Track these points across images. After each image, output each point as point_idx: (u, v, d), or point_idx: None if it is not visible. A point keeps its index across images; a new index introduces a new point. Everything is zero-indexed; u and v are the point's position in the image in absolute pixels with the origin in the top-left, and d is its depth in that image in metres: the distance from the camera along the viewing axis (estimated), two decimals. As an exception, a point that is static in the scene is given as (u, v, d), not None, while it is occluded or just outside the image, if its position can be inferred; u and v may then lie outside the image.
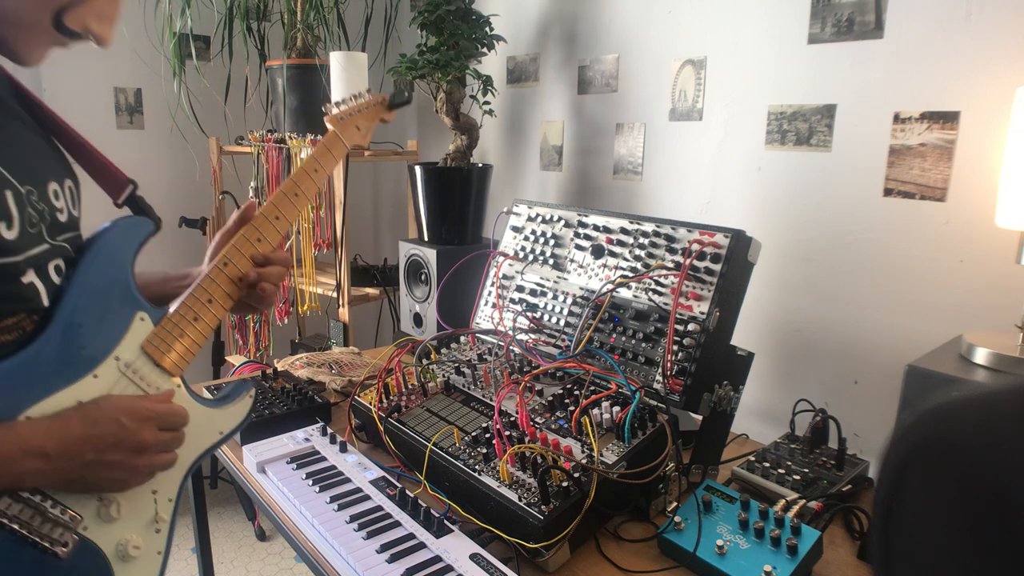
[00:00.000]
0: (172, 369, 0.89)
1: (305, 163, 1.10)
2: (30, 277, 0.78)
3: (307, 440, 1.33)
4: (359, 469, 1.23)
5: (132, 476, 0.81)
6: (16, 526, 0.73)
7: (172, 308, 0.91)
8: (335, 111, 1.18)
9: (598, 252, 1.51)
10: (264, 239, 1.01)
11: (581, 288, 1.51)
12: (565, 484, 1.04)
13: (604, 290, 1.44)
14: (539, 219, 1.65)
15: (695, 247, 1.32)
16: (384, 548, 1.01)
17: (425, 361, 1.51)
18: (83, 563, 0.79)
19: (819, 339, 1.72)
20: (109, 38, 0.86)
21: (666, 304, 1.33)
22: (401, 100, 1.26)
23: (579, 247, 1.55)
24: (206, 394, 0.96)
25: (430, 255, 2.14)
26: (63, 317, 0.80)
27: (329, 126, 1.18)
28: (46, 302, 0.80)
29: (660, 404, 1.20)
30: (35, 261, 0.79)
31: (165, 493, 0.89)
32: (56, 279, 0.82)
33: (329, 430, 1.36)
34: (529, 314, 1.57)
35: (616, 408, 1.18)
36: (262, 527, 2.86)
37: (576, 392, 1.27)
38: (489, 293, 1.69)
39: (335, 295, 2.48)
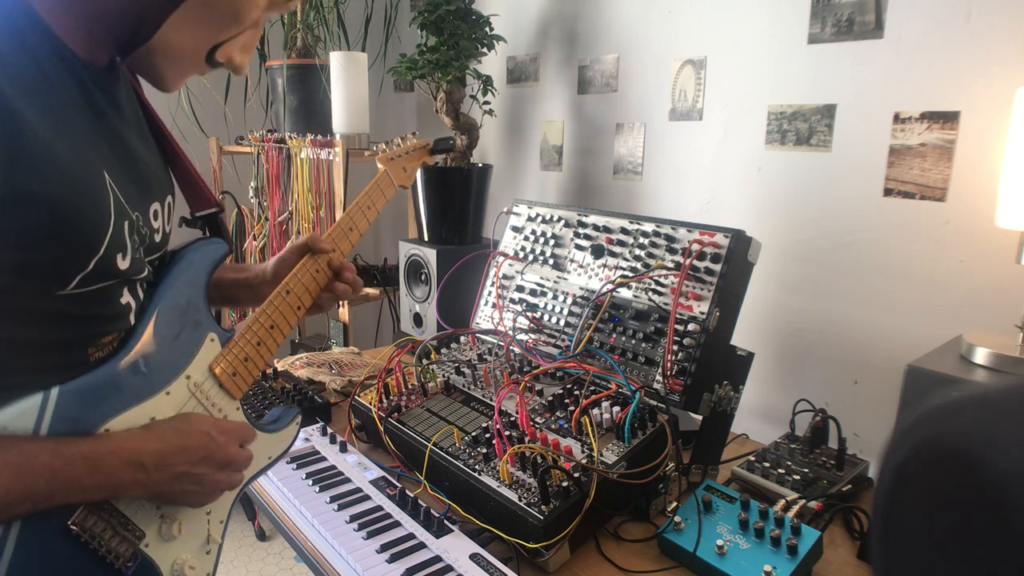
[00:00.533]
0: (235, 392, 0.90)
1: (360, 200, 1.16)
2: (127, 297, 0.80)
3: (307, 440, 1.33)
4: (359, 469, 1.23)
5: (213, 491, 0.83)
6: (89, 538, 0.73)
7: (238, 332, 0.93)
8: (385, 150, 1.26)
9: (598, 252, 1.51)
10: (322, 270, 1.06)
11: (581, 288, 1.51)
12: (565, 484, 1.04)
13: (604, 290, 1.44)
14: (539, 219, 1.65)
15: (695, 247, 1.32)
16: (384, 548, 1.01)
17: (425, 361, 1.51)
18: None
19: (819, 339, 1.72)
20: (246, 67, 0.90)
21: (666, 304, 1.33)
22: (444, 147, 1.38)
23: (579, 247, 1.55)
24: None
25: (430, 255, 2.14)
26: (145, 335, 0.81)
27: (380, 166, 1.24)
28: (133, 320, 0.81)
29: (660, 404, 1.20)
30: (134, 283, 0.81)
31: (218, 515, 0.90)
32: (141, 296, 0.83)
33: (329, 430, 1.36)
34: (529, 314, 1.57)
35: (616, 408, 1.18)
36: (262, 527, 2.86)
37: (576, 392, 1.27)
38: (489, 293, 1.69)
39: (335, 295, 2.48)
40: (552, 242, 1.60)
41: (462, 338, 1.61)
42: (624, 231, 1.47)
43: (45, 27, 0.70)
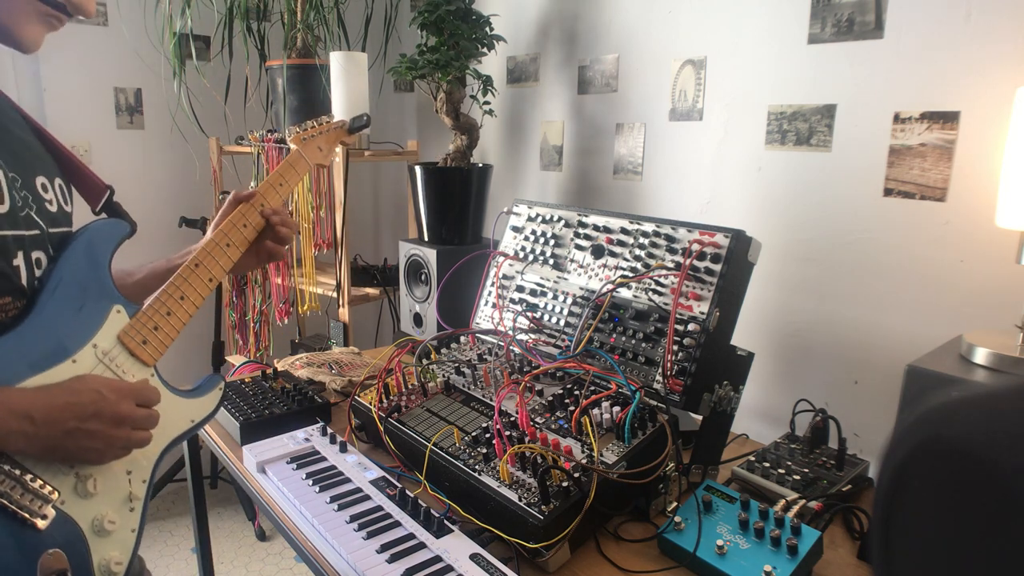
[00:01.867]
0: (146, 359, 0.96)
1: (270, 178, 1.20)
2: (19, 260, 0.85)
3: (307, 440, 1.33)
4: (359, 469, 1.23)
5: (109, 447, 0.86)
6: None
7: (146, 303, 0.99)
8: (299, 132, 1.30)
9: (598, 252, 1.51)
10: (232, 244, 1.11)
11: (581, 288, 1.51)
12: (565, 484, 1.04)
13: (604, 290, 1.44)
14: (539, 219, 1.65)
15: (695, 247, 1.32)
16: (384, 548, 1.01)
17: (425, 361, 1.51)
18: (60, 536, 0.84)
19: (819, 339, 1.72)
20: (92, 7, 0.91)
21: (666, 304, 1.33)
22: (359, 125, 1.39)
23: (579, 247, 1.55)
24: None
25: (430, 255, 2.14)
26: (46, 304, 0.87)
27: (293, 146, 1.29)
28: (25, 284, 0.86)
29: (660, 404, 1.20)
30: (25, 244, 0.85)
31: (139, 474, 0.94)
32: (36, 270, 0.88)
33: (329, 430, 1.36)
34: (529, 314, 1.57)
35: (616, 408, 1.18)
36: (262, 527, 2.86)
37: (576, 392, 1.27)
38: (489, 293, 1.69)
39: (335, 295, 2.48)
40: (552, 242, 1.60)
41: (462, 338, 1.61)
42: (624, 231, 1.47)
43: None
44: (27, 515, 0.79)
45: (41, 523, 0.81)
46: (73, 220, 0.98)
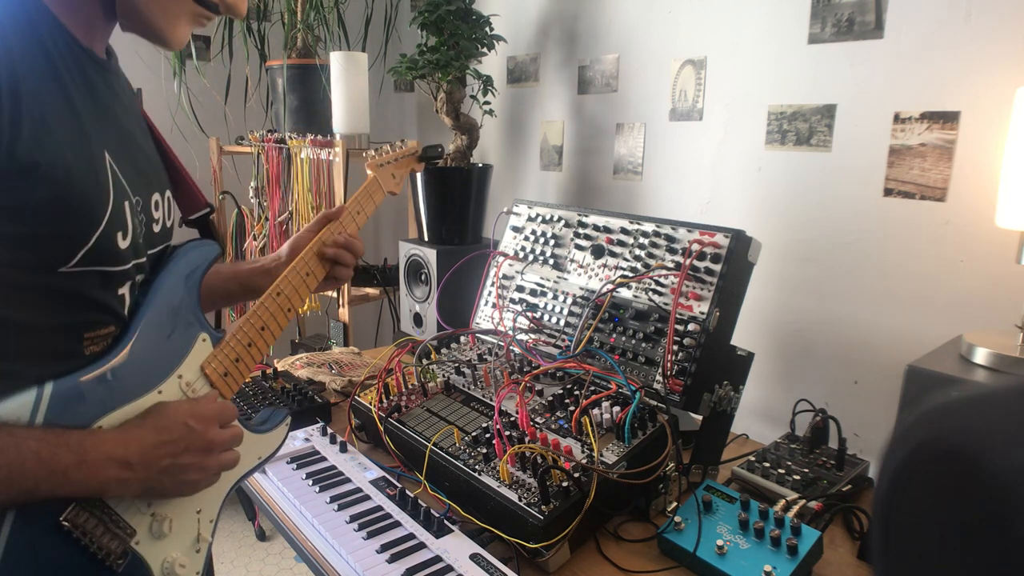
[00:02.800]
0: (225, 392, 0.91)
1: (349, 205, 1.18)
2: (124, 289, 0.81)
3: (307, 440, 1.33)
4: (359, 469, 1.23)
5: (203, 476, 0.84)
6: (80, 534, 0.74)
7: (229, 333, 0.94)
8: (375, 156, 1.28)
9: (598, 252, 1.51)
10: (312, 274, 1.08)
11: (581, 288, 1.51)
12: (565, 484, 1.04)
13: (604, 290, 1.44)
14: (539, 219, 1.65)
15: (695, 247, 1.32)
16: (384, 548, 1.01)
17: (425, 361, 1.51)
18: None
19: (819, 339, 1.72)
20: (244, 6, 0.87)
21: (666, 304, 1.33)
22: (432, 155, 1.38)
23: (579, 247, 1.55)
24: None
25: (430, 255, 2.14)
26: (139, 333, 0.82)
27: (370, 172, 1.26)
28: (125, 313, 0.82)
29: (660, 404, 1.20)
30: (132, 273, 0.82)
31: (207, 514, 0.91)
32: (136, 293, 0.84)
33: (329, 430, 1.36)
34: (529, 314, 1.57)
35: (616, 408, 1.18)
36: (262, 527, 2.86)
37: (576, 392, 1.27)
38: (489, 293, 1.69)
39: (335, 295, 2.48)
40: (552, 242, 1.60)
41: (462, 338, 1.61)
42: (624, 231, 1.47)
43: (52, 16, 0.73)
44: (104, 555, 0.76)
45: (118, 564, 0.77)
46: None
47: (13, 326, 0.70)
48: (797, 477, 1.22)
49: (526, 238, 1.66)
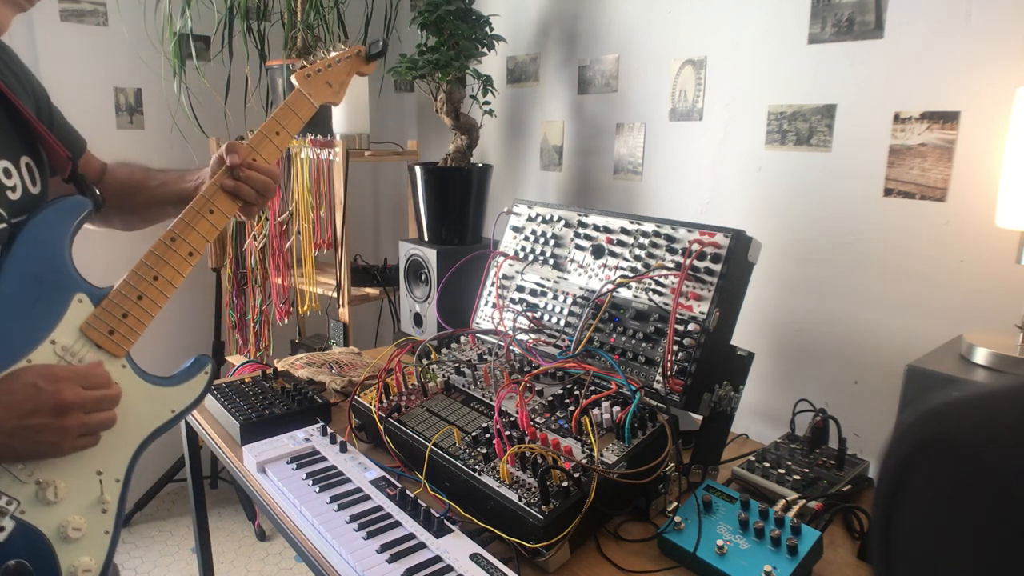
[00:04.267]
0: (114, 350, 0.88)
1: (266, 126, 1.05)
2: None
3: (307, 440, 1.33)
4: (359, 469, 1.23)
5: (63, 438, 0.80)
6: None
7: (113, 288, 0.90)
8: (306, 67, 1.13)
9: (598, 252, 1.51)
10: (217, 210, 0.99)
11: (581, 288, 1.51)
12: (565, 484, 1.04)
13: (604, 290, 1.44)
14: (539, 219, 1.65)
15: (695, 247, 1.32)
16: (384, 548, 1.01)
17: (425, 361, 1.51)
18: (23, 546, 0.80)
19: (819, 339, 1.72)
20: None
21: (666, 304, 1.33)
22: (377, 51, 1.21)
23: (579, 247, 1.55)
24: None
25: (430, 255, 2.14)
26: None
27: (295, 83, 1.11)
28: None
29: (660, 404, 1.20)
30: None
31: (112, 474, 0.88)
32: None
33: (329, 430, 1.36)
34: (529, 314, 1.57)
35: (616, 408, 1.18)
36: (262, 527, 2.86)
37: (576, 392, 1.27)
38: (489, 293, 1.69)
39: (335, 295, 2.48)
40: (552, 242, 1.60)
41: (462, 338, 1.61)
42: (624, 231, 1.47)
43: None
44: None
45: None
46: (49, 196, 0.89)
47: None
48: (797, 477, 1.22)
49: (526, 238, 1.66)
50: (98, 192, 0.95)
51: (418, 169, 2.22)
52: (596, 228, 1.53)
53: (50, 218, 0.86)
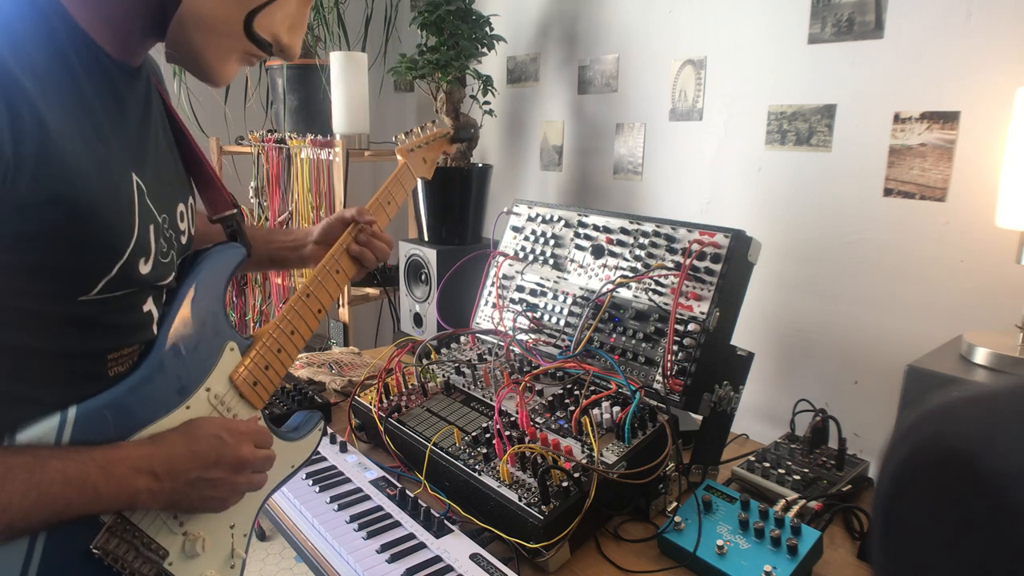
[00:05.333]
0: (255, 402, 0.88)
1: (380, 195, 1.14)
2: (149, 305, 0.78)
3: (307, 440, 1.33)
4: (359, 469, 1.23)
5: (232, 493, 0.81)
6: (111, 561, 0.72)
7: (257, 340, 0.91)
8: (405, 141, 1.22)
9: (598, 252, 1.51)
10: (342, 271, 1.05)
11: (581, 288, 1.51)
12: (565, 484, 1.03)
13: (604, 290, 1.44)
14: (539, 219, 1.65)
15: (695, 247, 1.32)
16: (384, 548, 1.01)
17: (425, 361, 1.51)
18: None
19: (819, 339, 1.72)
20: (297, 50, 0.84)
21: (666, 304, 1.33)
22: (466, 136, 1.35)
23: (579, 247, 1.55)
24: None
25: (430, 255, 2.14)
26: (164, 348, 0.79)
27: (399, 158, 1.21)
28: (155, 331, 0.79)
29: (660, 404, 1.20)
30: (159, 290, 0.79)
31: (241, 528, 0.89)
32: (160, 304, 0.81)
33: (329, 430, 1.36)
34: (529, 314, 1.57)
35: (616, 408, 1.18)
36: (262, 527, 2.86)
37: (576, 392, 1.27)
38: (489, 293, 1.69)
39: (335, 295, 2.48)
40: (552, 242, 1.60)
41: (462, 338, 1.61)
42: (624, 231, 1.47)
43: (73, 23, 0.68)
44: None
45: None
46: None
47: (33, 353, 0.68)
48: (797, 477, 1.22)
49: (526, 238, 1.66)
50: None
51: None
52: (596, 228, 1.53)
53: (215, 265, 0.86)
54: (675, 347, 1.28)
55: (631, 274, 1.42)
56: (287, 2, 0.80)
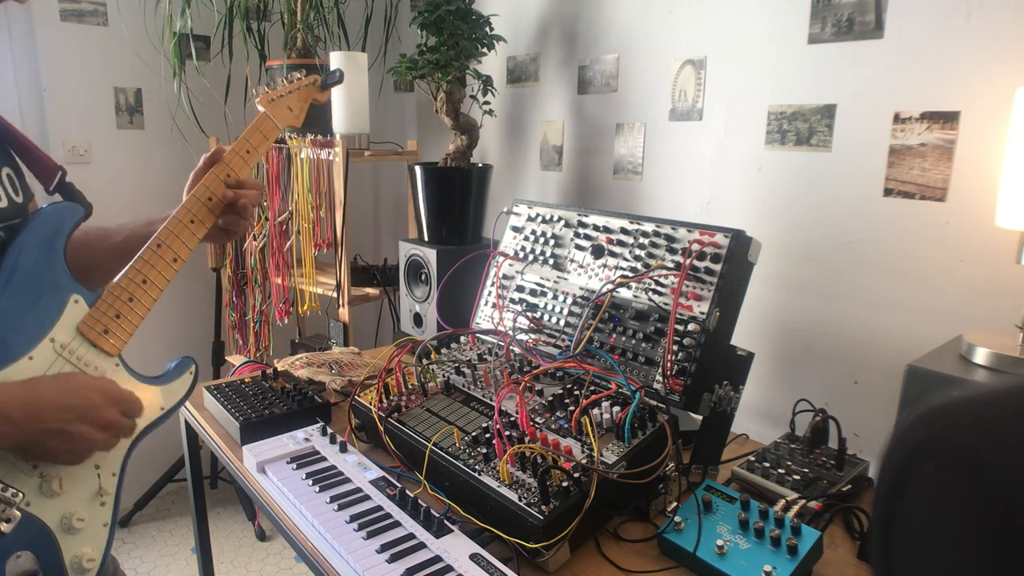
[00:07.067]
0: (109, 349, 0.92)
1: (236, 144, 1.14)
2: None
3: (307, 440, 1.33)
4: (359, 469, 1.23)
5: (88, 450, 0.86)
6: None
7: (106, 290, 0.95)
8: (267, 92, 1.23)
9: (598, 252, 1.51)
10: (197, 220, 1.06)
11: (581, 288, 1.51)
12: (565, 484, 1.04)
13: (604, 290, 1.44)
14: (539, 219, 1.65)
15: (695, 247, 1.32)
16: (384, 548, 1.01)
17: (425, 361, 1.51)
18: (28, 537, 0.83)
19: (819, 339, 1.72)
20: None
21: (666, 304, 1.33)
22: (333, 81, 1.33)
23: (579, 247, 1.55)
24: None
25: (430, 255, 2.14)
26: None
27: (260, 108, 1.21)
28: None
29: (660, 404, 1.20)
30: None
31: (108, 468, 0.93)
32: None
33: (329, 430, 1.36)
34: (529, 314, 1.57)
35: (616, 408, 1.18)
36: (262, 527, 2.86)
37: (576, 392, 1.27)
38: (489, 293, 1.69)
39: (335, 295, 2.48)
40: (552, 242, 1.60)
41: (462, 338, 1.61)
42: (624, 231, 1.47)
43: None
44: None
45: (5, 527, 0.80)
46: (35, 206, 0.95)
47: None
48: (797, 477, 1.22)
49: (526, 238, 1.66)
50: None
51: (418, 169, 2.22)
52: (596, 228, 1.53)
53: (47, 222, 0.91)
54: (675, 347, 1.28)
55: (631, 274, 1.42)
56: None
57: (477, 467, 1.13)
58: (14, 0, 0.91)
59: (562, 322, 1.51)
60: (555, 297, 1.55)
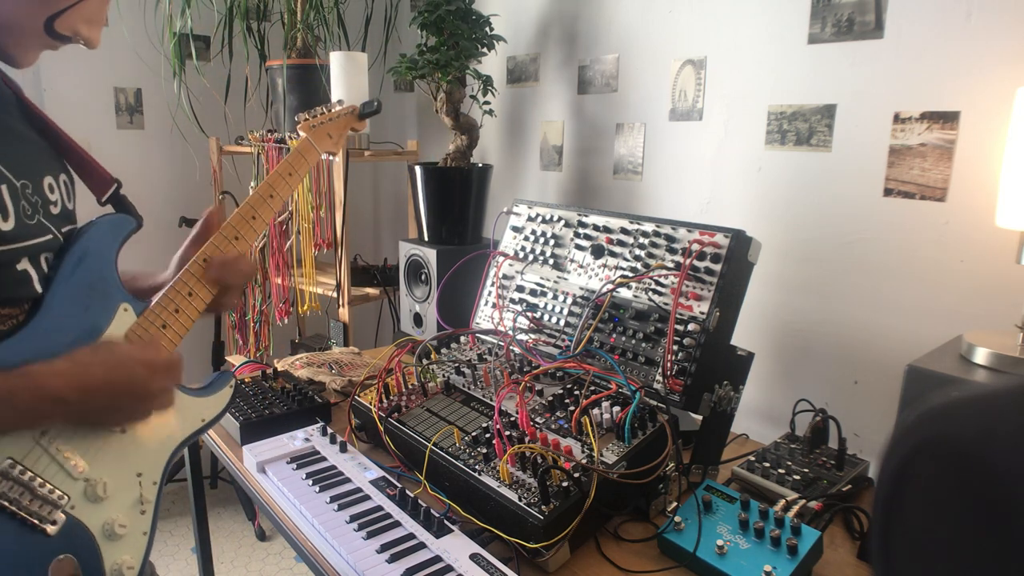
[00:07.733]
0: None
1: (280, 167, 1.16)
2: (24, 264, 0.84)
3: (307, 440, 1.33)
4: (359, 469, 1.23)
5: (130, 418, 0.88)
6: (6, 503, 0.77)
7: (154, 300, 0.97)
8: (308, 119, 1.25)
9: (598, 252, 1.51)
10: (241, 237, 1.07)
11: (581, 288, 1.51)
12: (565, 484, 1.04)
13: (604, 290, 1.44)
14: (539, 219, 1.65)
15: (695, 247, 1.32)
16: (384, 548, 1.01)
17: (425, 361, 1.51)
18: (71, 541, 0.83)
19: (819, 339, 1.72)
20: (97, 41, 0.92)
21: (666, 304, 1.33)
22: (371, 111, 1.36)
23: (579, 247, 1.55)
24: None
25: (430, 255, 2.14)
26: (52, 305, 0.85)
27: (302, 133, 1.24)
28: (39, 288, 0.85)
29: (660, 404, 1.20)
30: (32, 250, 0.84)
31: (150, 476, 0.93)
32: (45, 269, 0.87)
33: (329, 430, 1.36)
34: (529, 314, 1.57)
35: (616, 408, 1.18)
36: (262, 527, 2.86)
37: (576, 392, 1.27)
38: (489, 293, 1.69)
39: (335, 295, 2.48)
40: (552, 242, 1.60)
41: (462, 338, 1.61)
42: (624, 231, 1.47)
43: None
44: (36, 521, 0.79)
45: (51, 528, 0.80)
46: (78, 216, 0.96)
47: None
48: (797, 477, 1.22)
49: (526, 238, 1.66)
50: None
51: (418, 169, 2.22)
52: (596, 228, 1.53)
53: (103, 230, 0.93)
54: (675, 347, 1.28)
55: (631, 274, 1.42)
56: (86, 5, 0.87)
57: (477, 467, 1.13)
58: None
59: (562, 322, 1.51)
60: (555, 297, 1.55)
